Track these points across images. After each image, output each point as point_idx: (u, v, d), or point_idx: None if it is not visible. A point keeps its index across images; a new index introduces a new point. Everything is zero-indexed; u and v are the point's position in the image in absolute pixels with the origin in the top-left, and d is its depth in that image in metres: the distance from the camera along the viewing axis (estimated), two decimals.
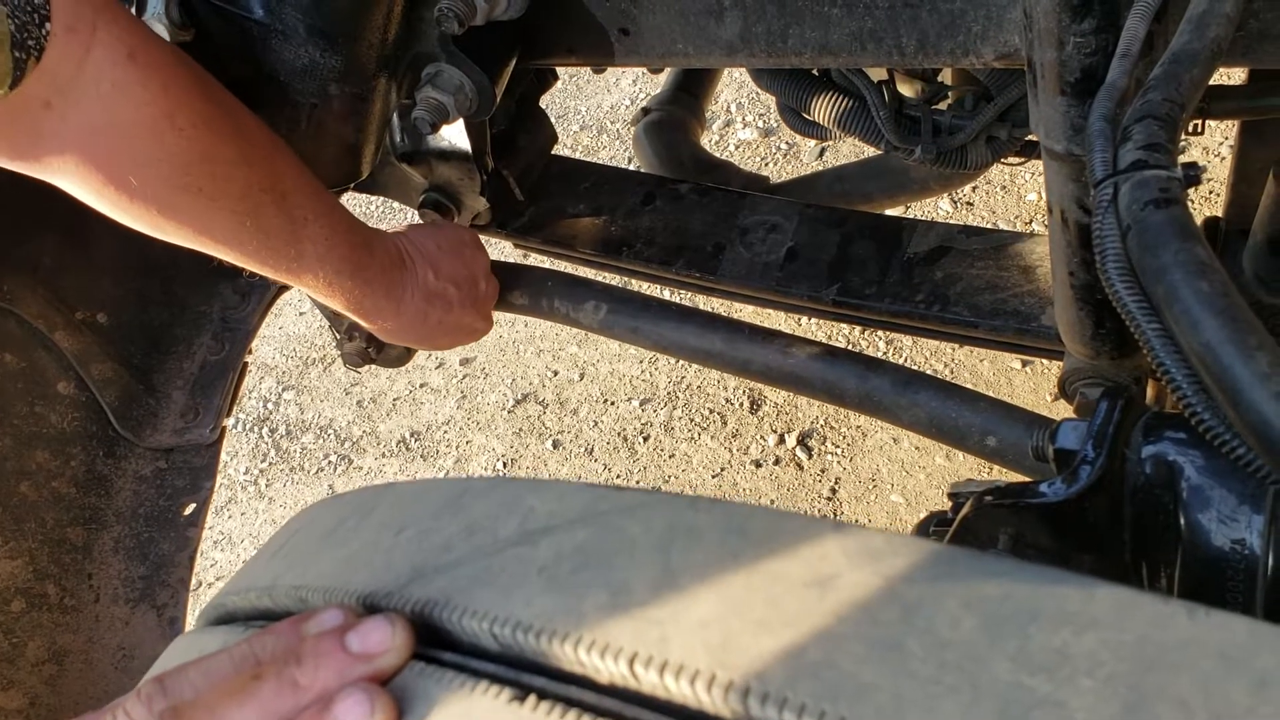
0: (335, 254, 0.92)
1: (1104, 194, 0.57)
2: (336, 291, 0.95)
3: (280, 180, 0.86)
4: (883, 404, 1.06)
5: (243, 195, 0.83)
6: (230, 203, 0.82)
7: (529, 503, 0.43)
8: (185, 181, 0.78)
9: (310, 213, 0.89)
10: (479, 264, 1.13)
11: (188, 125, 0.77)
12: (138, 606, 1.35)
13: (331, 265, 0.92)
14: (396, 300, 1.02)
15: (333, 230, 0.91)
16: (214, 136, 0.79)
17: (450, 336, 1.13)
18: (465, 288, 1.10)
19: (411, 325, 1.06)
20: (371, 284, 0.98)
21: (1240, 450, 0.49)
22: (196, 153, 0.78)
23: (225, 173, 0.81)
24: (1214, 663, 0.29)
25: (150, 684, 0.45)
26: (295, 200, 0.87)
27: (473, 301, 1.12)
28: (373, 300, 0.99)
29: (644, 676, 0.35)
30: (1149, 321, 0.52)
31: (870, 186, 1.47)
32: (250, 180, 0.83)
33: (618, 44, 1.04)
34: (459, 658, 0.41)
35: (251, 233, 0.85)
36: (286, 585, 0.49)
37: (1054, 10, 0.72)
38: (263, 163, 0.84)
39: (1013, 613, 0.32)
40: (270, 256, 0.88)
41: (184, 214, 0.81)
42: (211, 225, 0.83)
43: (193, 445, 1.42)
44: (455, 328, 1.12)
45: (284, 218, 0.87)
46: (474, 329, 1.16)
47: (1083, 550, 0.65)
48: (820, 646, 0.33)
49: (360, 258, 0.95)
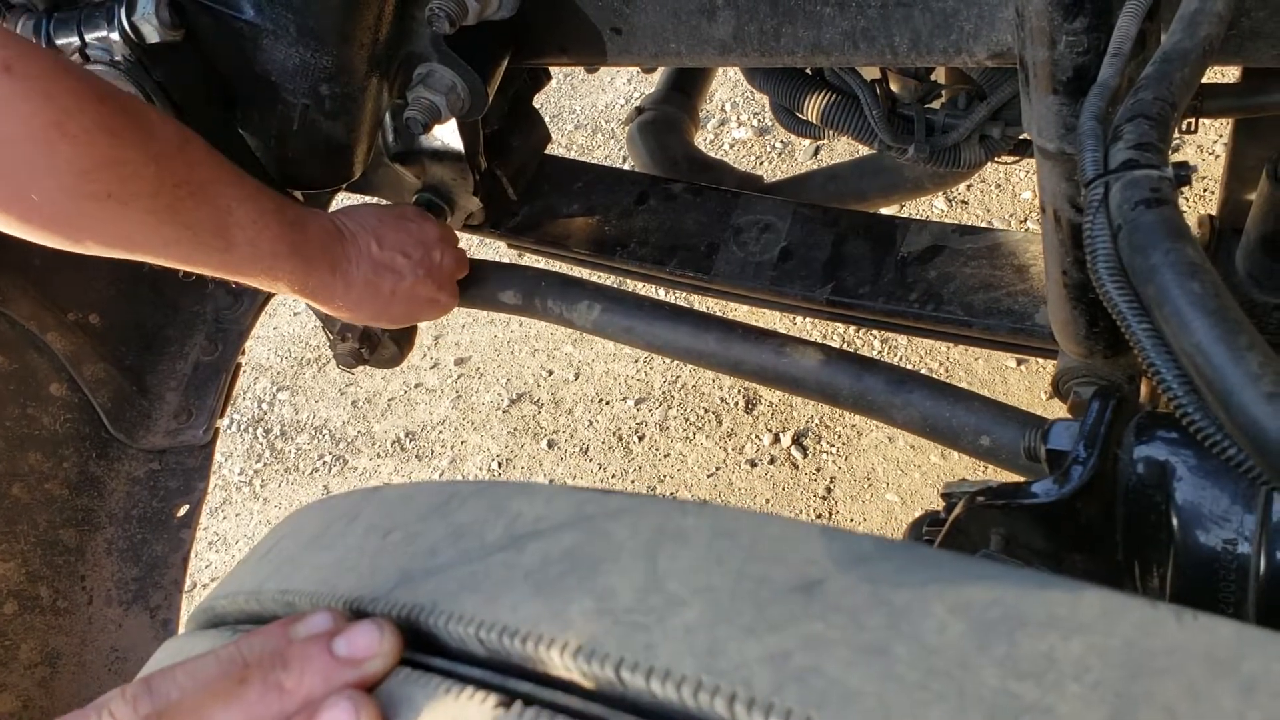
0: (267, 235, 0.90)
1: (1095, 193, 0.57)
2: (278, 275, 0.94)
3: (194, 172, 0.84)
4: (876, 404, 1.06)
5: (155, 193, 0.81)
6: (144, 203, 0.80)
7: (516, 507, 0.43)
8: (90, 189, 0.77)
9: (233, 200, 0.87)
10: (427, 234, 1.12)
11: (80, 131, 0.75)
12: (131, 608, 1.35)
13: (266, 247, 0.91)
14: (344, 276, 1.01)
15: (260, 213, 0.90)
16: (111, 139, 0.77)
17: (408, 307, 1.10)
18: (415, 255, 1.08)
19: (364, 299, 1.04)
20: (312, 261, 0.96)
21: (1231, 451, 0.49)
22: (95, 158, 0.76)
23: (132, 173, 0.79)
24: (1201, 667, 0.29)
25: (136, 684, 0.44)
26: (215, 190, 0.86)
27: (427, 270, 1.10)
28: (317, 278, 0.98)
29: (630, 682, 0.34)
30: (1139, 322, 0.51)
31: (864, 185, 1.47)
32: (161, 177, 0.81)
33: (610, 43, 1.04)
34: (446, 663, 0.40)
35: (173, 230, 0.83)
36: (274, 589, 0.49)
37: (1046, 9, 0.72)
38: (172, 158, 0.82)
39: (1000, 618, 0.32)
40: (200, 251, 0.87)
41: (97, 222, 0.79)
42: (129, 230, 0.82)
43: (186, 446, 1.41)
44: (411, 298, 1.09)
45: (206, 208, 0.85)
46: (435, 300, 1.13)
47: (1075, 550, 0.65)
48: (807, 652, 0.32)
49: (294, 235, 0.94)
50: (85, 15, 0.93)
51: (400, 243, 1.07)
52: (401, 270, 1.07)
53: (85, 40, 0.93)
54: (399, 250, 1.06)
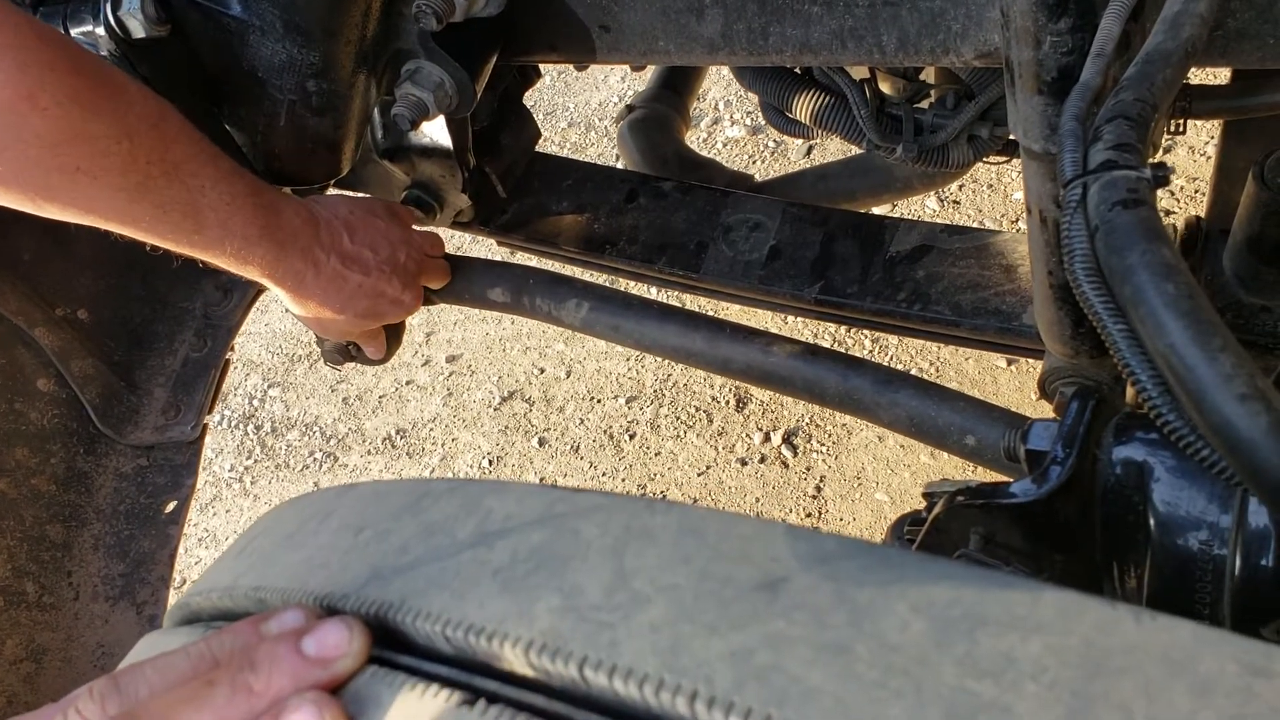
0: (239, 218, 0.89)
1: (1073, 194, 0.57)
2: (249, 259, 0.92)
3: (169, 150, 0.83)
4: (863, 403, 1.06)
5: (126, 170, 0.80)
6: (114, 178, 0.79)
7: (487, 505, 0.43)
8: (59, 161, 0.76)
9: (207, 180, 0.86)
10: (395, 232, 1.11)
11: (52, 104, 0.74)
12: (117, 604, 1.34)
13: (237, 231, 0.89)
14: (314, 263, 1.00)
15: (234, 196, 0.89)
16: (85, 112, 0.76)
17: (371, 302, 1.09)
18: (383, 252, 1.08)
19: (330, 289, 1.03)
20: (284, 246, 0.95)
21: (1205, 452, 0.49)
22: (67, 131, 0.75)
23: (104, 148, 0.78)
24: (1158, 667, 0.29)
25: (104, 682, 0.44)
26: (189, 169, 0.85)
27: (393, 268, 1.09)
28: (288, 263, 0.97)
29: (594, 680, 0.34)
30: (1115, 323, 0.52)
31: (853, 185, 1.47)
32: (134, 154, 0.80)
33: (599, 41, 1.04)
34: (414, 660, 0.40)
35: (143, 207, 0.83)
36: (246, 586, 0.49)
37: (1030, 9, 0.72)
38: (147, 134, 0.81)
39: (961, 617, 0.32)
40: (169, 230, 0.86)
41: (65, 194, 0.78)
42: (97, 203, 0.81)
43: (174, 442, 1.41)
44: (375, 293, 1.08)
45: (178, 188, 0.84)
46: (398, 300, 1.12)
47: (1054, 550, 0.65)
48: (768, 650, 0.32)
49: (268, 220, 0.93)
50: (70, 10, 0.93)
51: (369, 238, 1.06)
52: (368, 265, 1.06)
53: (70, 35, 0.93)
54: (367, 245, 1.06)
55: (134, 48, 0.93)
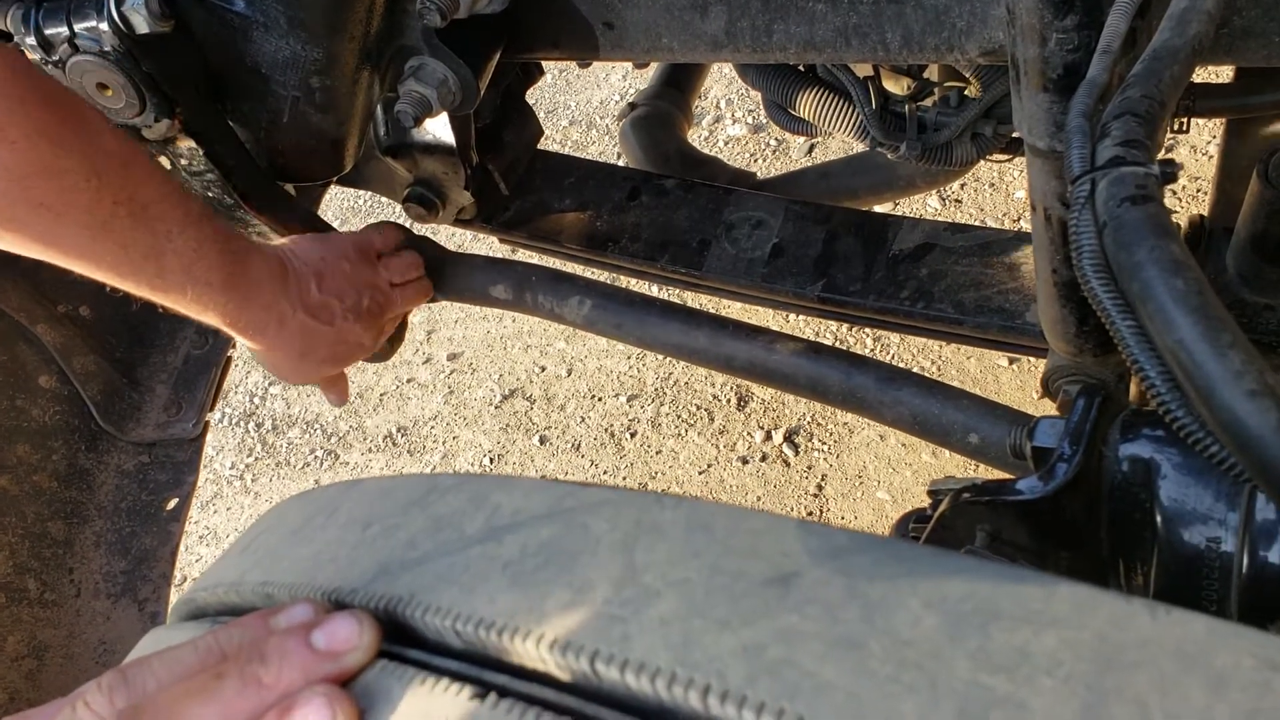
0: (203, 265, 0.88)
1: (1081, 190, 0.57)
2: (209, 307, 0.91)
3: (137, 191, 0.82)
4: (866, 401, 1.06)
5: (92, 207, 0.79)
6: (79, 215, 0.78)
7: (495, 499, 0.43)
8: (26, 195, 0.75)
9: (174, 224, 0.85)
10: (361, 276, 1.10)
11: (20, 138, 0.73)
12: (119, 601, 1.34)
13: (200, 277, 0.88)
14: (279, 316, 0.98)
15: (200, 242, 0.87)
16: (54, 148, 0.75)
17: (332, 349, 1.08)
18: (349, 299, 1.07)
19: (294, 339, 1.02)
20: (248, 297, 0.94)
21: (1214, 448, 0.49)
22: (35, 165, 0.74)
23: (71, 184, 0.77)
24: (1173, 662, 0.29)
25: (112, 675, 0.44)
26: (156, 212, 0.83)
27: (356, 315, 1.08)
28: (250, 315, 0.95)
29: (605, 674, 0.34)
30: (1124, 319, 0.51)
31: (856, 183, 1.47)
32: (101, 192, 0.79)
33: (602, 38, 1.04)
34: (423, 655, 0.40)
35: (106, 247, 0.81)
36: (253, 581, 0.49)
37: (1036, 6, 0.72)
38: (116, 174, 0.80)
39: (974, 611, 0.31)
40: (131, 271, 0.84)
41: (29, 228, 0.77)
42: (61, 239, 0.79)
43: (176, 440, 1.41)
44: (338, 340, 1.07)
45: (143, 231, 0.83)
46: (360, 344, 1.11)
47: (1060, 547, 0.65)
48: (781, 644, 0.32)
49: (233, 268, 0.91)
50: (74, 5, 0.93)
51: (337, 285, 1.05)
52: (334, 314, 1.05)
53: (74, 30, 0.93)
54: (334, 293, 1.05)
55: (138, 44, 0.93)
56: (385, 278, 1.15)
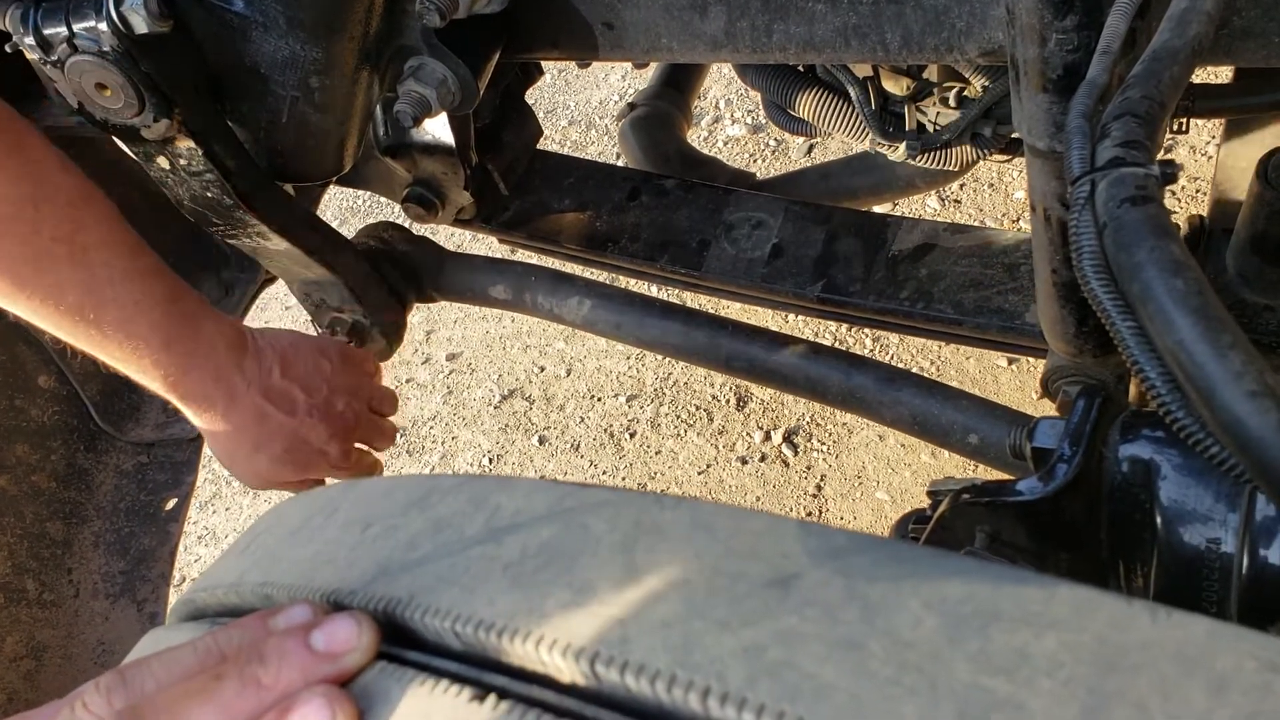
0: (144, 320, 0.82)
1: (1081, 191, 0.57)
2: (147, 366, 0.85)
3: (81, 232, 0.78)
4: (866, 401, 1.06)
5: (26, 239, 0.75)
6: (10, 246, 0.75)
7: (495, 500, 0.43)
8: None
9: (117, 272, 0.80)
10: (340, 379, 1.03)
11: None
12: (118, 601, 1.34)
13: (139, 334, 0.83)
14: (228, 390, 0.91)
15: (145, 295, 0.82)
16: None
17: (289, 446, 0.98)
18: (316, 396, 0.99)
19: (247, 424, 0.94)
20: (193, 361, 0.88)
21: (1215, 449, 0.49)
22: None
23: (7, 213, 0.73)
24: (1173, 664, 0.29)
25: (110, 676, 0.44)
26: (99, 258, 0.79)
27: (323, 416, 1.00)
28: (195, 383, 0.89)
29: (605, 676, 0.34)
30: (1124, 319, 0.51)
31: (855, 183, 1.47)
32: (38, 226, 0.75)
33: (601, 38, 1.04)
34: (423, 656, 0.40)
35: (38, 285, 0.77)
36: (253, 582, 0.49)
37: (1036, 6, 0.72)
38: (58, 211, 0.77)
39: (974, 613, 0.31)
40: (63, 315, 0.80)
41: None
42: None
43: (175, 440, 1.41)
44: (297, 438, 0.98)
45: (81, 273, 0.78)
46: (323, 451, 1.02)
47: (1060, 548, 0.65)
48: (781, 646, 0.32)
49: (179, 331, 0.85)
50: (73, 5, 0.93)
51: (305, 376, 0.98)
52: (295, 405, 0.97)
53: (73, 30, 0.92)
54: (300, 383, 0.98)
55: (136, 44, 0.93)
56: (370, 395, 1.09)
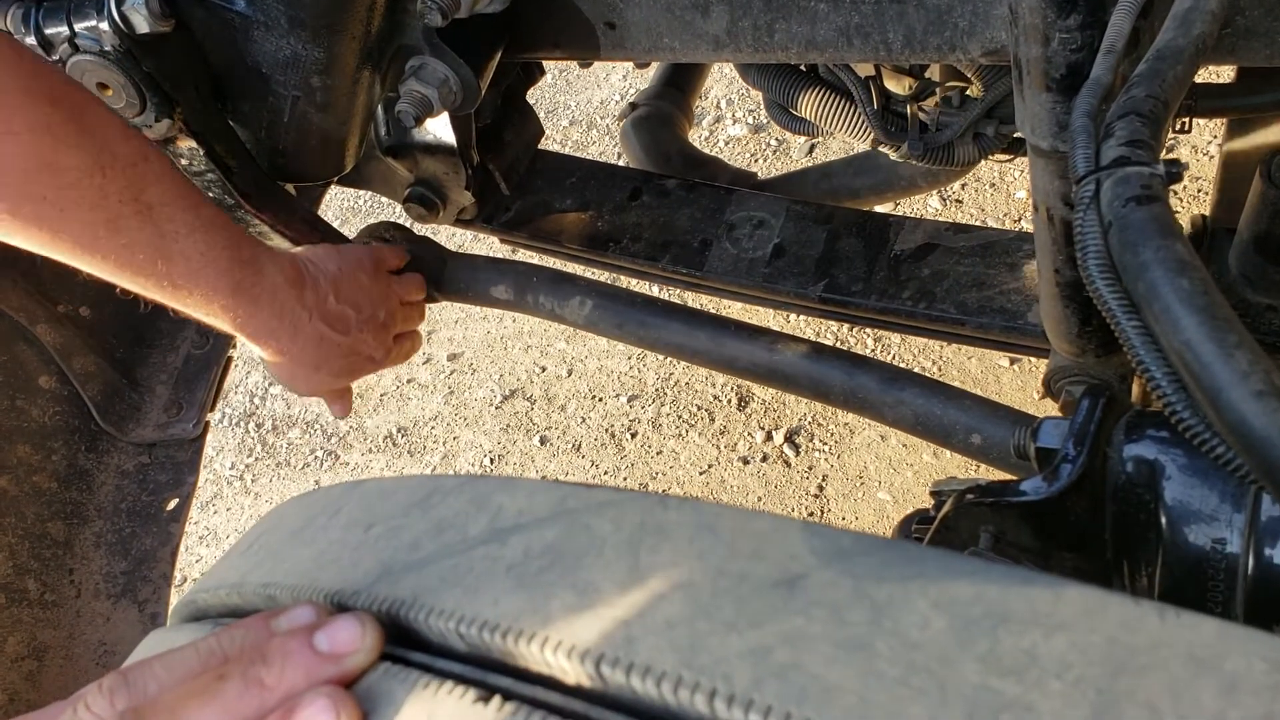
0: (212, 270, 0.87)
1: (1086, 190, 0.56)
2: (217, 312, 0.90)
3: (144, 191, 0.81)
4: (868, 401, 1.05)
5: (96, 205, 0.78)
6: (82, 213, 0.77)
7: (498, 501, 0.43)
8: (28, 190, 0.74)
9: (182, 226, 0.84)
10: (377, 289, 1.10)
11: (24, 130, 0.72)
12: (119, 602, 1.34)
13: (208, 283, 0.87)
14: (292, 323, 0.97)
15: (210, 246, 0.86)
16: (57, 143, 0.74)
17: (347, 360, 1.07)
18: (364, 312, 1.06)
19: (308, 349, 1.00)
20: (259, 303, 0.92)
21: (1220, 449, 0.49)
22: (37, 160, 0.74)
23: (73, 180, 0.76)
24: (1183, 665, 0.28)
25: (113, 677, 0.44)
26: (164, 213, 0.82)
27: (372, 327, 1.07)
28: (261, 321, 0.94)
29: (610, 677, 0.34)
30: (1129, 319, 0.51)
31: (857, 183, 1.47)
32: (105, 190, 0.78)
33: (603, 38, 1.04)
34: (426, 657, 0.40)
35: (111, 246, 0.80)
36: (255, 583, 0.49)
37: (1039, 6, 0.72)
38: (122, 172, 0.79)
39: (982, 614, 0.31)
40: (135, 271, 0.83)
41: (30, 222, 0.77)
42: (62, 235, 0.78)
43: (176, 440, 1.41)
44: (353, 351, 1.06)
45: (150, 231, 0.82)
46: (372, 358, 1.11)
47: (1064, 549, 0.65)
48: (788, 647, 0.32)
49: (244, 276, 0.90)
50: (75, 5, 0.93)
51: (353, 295, 1.04)
52: (349, 324, 1.04)
53: (74, 30, 0.92)
54: (351, 303, 1.04)
55: (138, 43, 0.93)
56: (398, 293, 1.15)
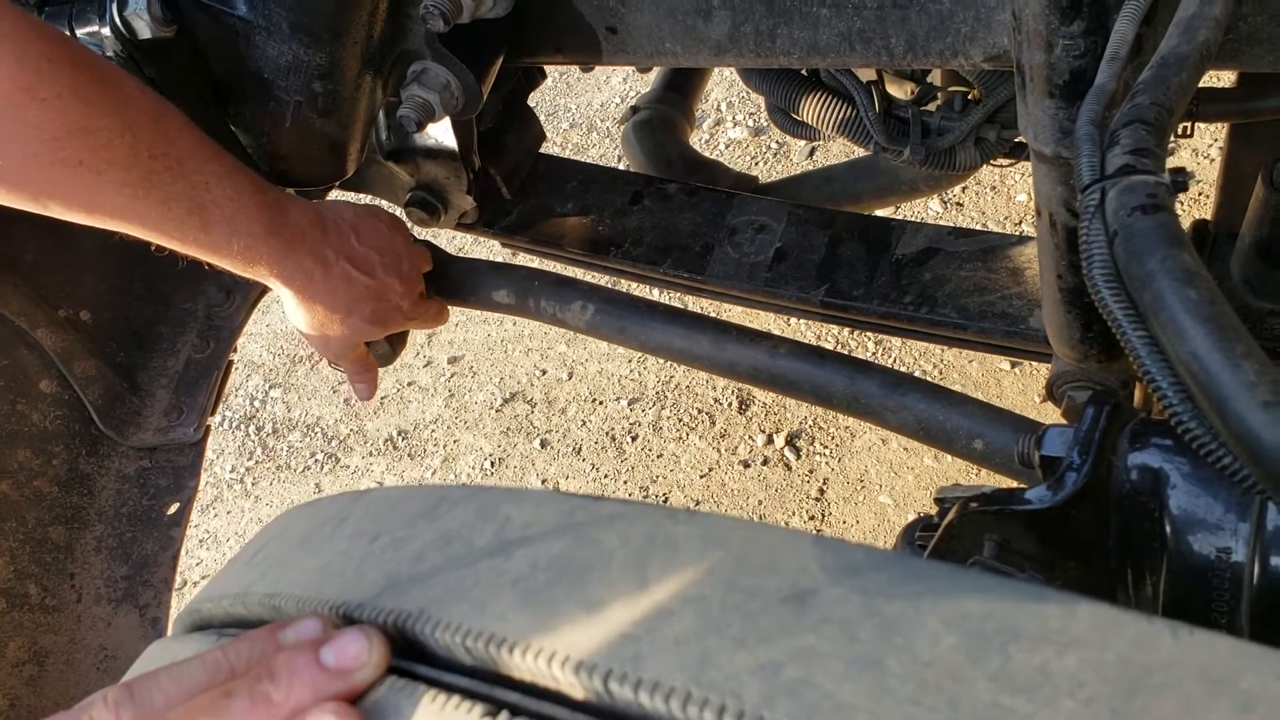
0: (245, 215, 0.88)
1: (1091, 199, 0.56)
2: (257, 257, 0.92)
3: (173, 146, 0.82)
4: (870, 406, 1.05)
5: (129, 164, 0.79)
6: (118, 173, 0.78)
7: (505, 512, 0.43)
8: (61, 155, 0.75)
9: (211, 176, 0.85)
10: (398, 239, 1.11)
11: (51, 95, 0.73)
12: (120, 606, 1.34)
13: (243, 228, 0.89)
14: (323, 261, 0.99)
15: (238, 192, 0.88)
16: (85, 105, 0.75)
17: (376, 305, 1.08)
18: (387, 256, 1.07)
19: (339, 289, 1.02)
20: (291, 244, 0.94)
21: (1226, 459, 0.49)
22: (67, 124, 0.74)
23: (105, 141, 0.77)
24: (1198, 684, 0.28)
25: (118, 689, 0.44)
26: (193, 165, 0.84)
27: (396, 273, 1.08)
28: (295, 261, 0.95)
29: (619, 693, 0.34)
30: (1135, 329, 0.51)
31: (859, 187, 1.47)
32: (136, 148, 0.79)
33: (605, 43, 1.04)
34: (433, 671, 0.40)
35: (148, 204, 0.82)
36: (260, 593, 0.48)
37: (1042, 12, 0.72)
38: (149, 128, 0.80)
39: (994, 631, 0.31)
40: (174, 227, 0.85)
41: (68, 190, 0.78)
42: (101, 198, 0.80)
43: (176, 444, 1.41)
44: (380, 296, 1.07)
45: (182, 184, 0.83)
46: (399, 306, 1.11)
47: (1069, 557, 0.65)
48: (798, 664, 0.32)
49: (273, 218, 0.92)
50: (76, 10, 0.93)
51: (375, 240, 1.06)
52: (374, 267, 1.05)
53: (76, 35, 0.92)
54: (374, 247, 1.05)
55: (140, 48, 0.93)
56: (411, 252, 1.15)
